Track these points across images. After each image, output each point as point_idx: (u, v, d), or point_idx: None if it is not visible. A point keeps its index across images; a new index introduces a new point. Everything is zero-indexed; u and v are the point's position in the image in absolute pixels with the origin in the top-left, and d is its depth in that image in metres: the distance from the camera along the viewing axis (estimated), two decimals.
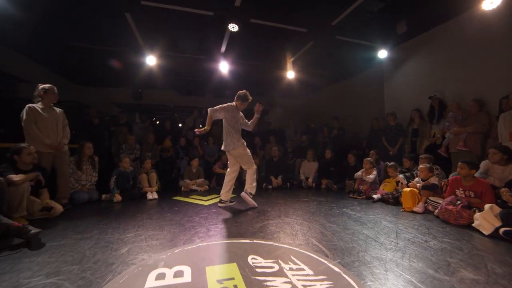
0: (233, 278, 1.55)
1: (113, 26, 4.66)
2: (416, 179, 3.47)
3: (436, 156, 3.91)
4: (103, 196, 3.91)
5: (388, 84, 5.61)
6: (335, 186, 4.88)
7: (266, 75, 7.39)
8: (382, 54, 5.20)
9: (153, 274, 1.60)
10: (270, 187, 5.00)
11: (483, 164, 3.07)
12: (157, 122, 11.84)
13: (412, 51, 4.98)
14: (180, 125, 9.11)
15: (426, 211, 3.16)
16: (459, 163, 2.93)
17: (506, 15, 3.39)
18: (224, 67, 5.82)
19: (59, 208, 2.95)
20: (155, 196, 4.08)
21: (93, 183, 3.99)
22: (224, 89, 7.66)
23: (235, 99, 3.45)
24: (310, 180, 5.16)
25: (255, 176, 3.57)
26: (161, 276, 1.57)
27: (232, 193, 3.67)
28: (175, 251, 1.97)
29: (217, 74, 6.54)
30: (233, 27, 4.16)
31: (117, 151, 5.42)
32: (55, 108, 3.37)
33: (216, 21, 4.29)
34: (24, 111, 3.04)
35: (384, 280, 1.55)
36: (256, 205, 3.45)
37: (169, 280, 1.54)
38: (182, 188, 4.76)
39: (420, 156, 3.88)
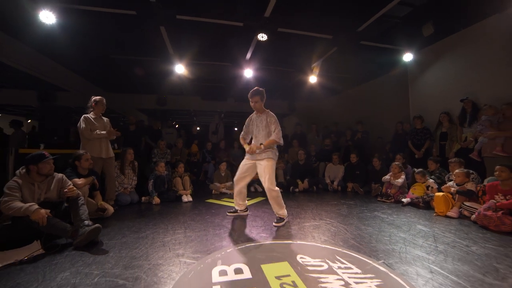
0: (289, 275, 1.71)
1: (148, 38, 5.00)
2: (450, 183, 3.45)
3: (467, 160, 3.84)
4: (143, 198, 4.21)
5: (413, 87, 5.57)
6: (362, 190, 4.93)
7: (288, 79, 7.55)
8: (407, 57, 5.19)
9: (215, 271, 1.79)
10: (296, 190, 5.12)
11: None
12: (176, 126, 12.37)
13: (440, 53, 4.91)
14: (197, 128, 9.44)
15: (462, 216, 3.17)
16: (498, 166, 2.91)
17: None
18: (248, 73, 6.03)
19: (111, 209, 3.25)
20: (190, 198, 4.32)
21: (134, 186, 4.29)
22: (246, 93, 7.88)
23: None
24: (335, 183, 5.24)
25: None
26: (223, 273, 1.76)
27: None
28: (227, 250, 2.16)
29: (240, 80, 6.76)
30: (262, 37, 4.35)
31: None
32: (103, 117, 3.69)
33: (245, 31, 4.50)
34: (81, 120, 3.38)
35: (431, 280, 1.65)
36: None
37: (232, 276, 1.72)
38: (213, 191, 4.99)
39: (450, 160, 3.85)
